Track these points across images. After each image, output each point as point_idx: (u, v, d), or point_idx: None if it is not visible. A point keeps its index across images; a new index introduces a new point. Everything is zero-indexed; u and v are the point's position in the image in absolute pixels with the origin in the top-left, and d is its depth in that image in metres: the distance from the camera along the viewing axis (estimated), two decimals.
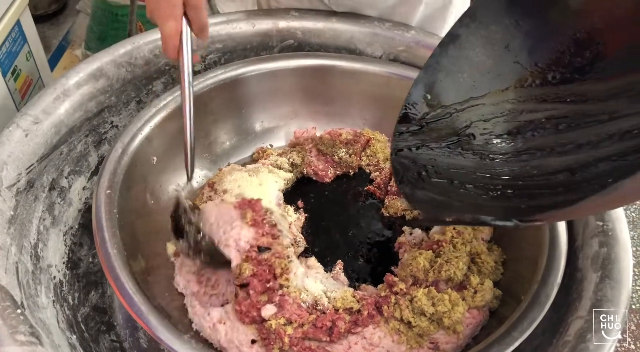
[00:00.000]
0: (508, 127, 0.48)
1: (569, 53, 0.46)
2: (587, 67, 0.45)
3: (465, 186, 0.45)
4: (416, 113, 0.51)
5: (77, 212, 0.62)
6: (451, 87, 0.51)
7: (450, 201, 0.45)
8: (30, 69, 0.76)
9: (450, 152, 0.49)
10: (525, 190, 0.43)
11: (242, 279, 0.52)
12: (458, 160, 0.48)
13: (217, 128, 0.70)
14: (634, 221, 1.31)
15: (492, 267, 0.56)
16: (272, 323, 0.49)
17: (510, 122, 0.49)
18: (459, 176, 0.46)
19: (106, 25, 1.33)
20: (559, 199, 0.39)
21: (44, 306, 0.52)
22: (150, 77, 0.68)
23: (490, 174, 0.46)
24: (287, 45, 0.75)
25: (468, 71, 0.51)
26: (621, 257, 0.50)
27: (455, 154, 0.49)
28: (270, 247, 0.54)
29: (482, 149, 0.48)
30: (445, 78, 0.51)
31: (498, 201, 0.43)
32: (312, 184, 0.69)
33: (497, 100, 0.50)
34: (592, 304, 0.48)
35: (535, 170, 0.44)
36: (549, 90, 0.47)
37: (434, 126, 0.50)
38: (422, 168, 0.48)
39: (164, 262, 0.60)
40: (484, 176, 0.46)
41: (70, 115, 0.60)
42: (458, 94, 0.51)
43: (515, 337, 0.46)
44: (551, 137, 0.45)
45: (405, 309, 0.51)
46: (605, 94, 0.43)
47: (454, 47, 0.51)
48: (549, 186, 0.41)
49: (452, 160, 0.48)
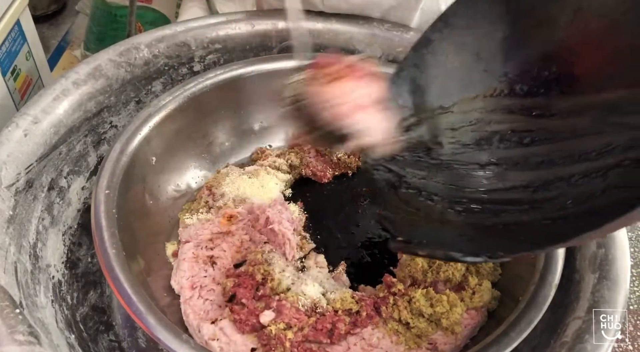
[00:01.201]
0: (475, 137, 0.48)
1: (537, 66, 0.46)
2: (554, 82, 0.44)
3: (432, 197, 0.45)
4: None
5: (76, 212, 0.62)
6: (423, 93, 0.51)
7: (417, 219, 0.44)
8: (29, 69, 0.76)
9: (419, 161, 0.49)
10: (488, 204, 0.43)
11: (227, 294, 0.52)
12: (426, 171, 0.48)
13: (216, 129, 0.70)
14: None
15: (490, 268, 0.57)
16: (272, 329, 0.49)
17: (477, 131, 0.48)
18: (427, 186, 0.46)
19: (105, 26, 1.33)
20: (522, 218, 0.39)
21: (43, 305, 0.52)
22: (150, 77, 0.69)
23: (457, 186, 0.46)
24: (286, 45, 0.75)
25: (439, 77, 0.51)
26: (619, 258, 0.50)
27: (424, 164, 0.48)
28: (245, 261, 0.55)
29: (449, 159, 0.48)
30: (417, 83, 0.51)
31: (464, 216, 0.43)
32: (310, 184, 0.69)
33: (466, 108, 0.50)
34: (589, 305, 0.48)
35: (500, 184, 0.44)
36: (516, 101, 0.47)
37: (406, 134, 0.50)
38: (394, 177, 0.48)
39: (163, 262, 0.60)
40: (450, 187, 0.46)
41: (69, 115, 0.60)
42: (429, 100, 0.51)
43: (513, 338, 0.46)
44: (516, 150, 0.45)
45: (403, 310, 0.51)
46: (569, 110, 0.43)
47: (427, 52, 0.51)
48: (510, 202, 0.41)
49: (421, 171, 0.48)
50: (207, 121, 0.69)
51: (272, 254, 0.56)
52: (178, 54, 0.70)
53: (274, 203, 0.60)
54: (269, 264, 0.54)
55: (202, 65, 0.72)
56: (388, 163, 0.49)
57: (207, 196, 0.64)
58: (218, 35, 0.72)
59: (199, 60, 0.72)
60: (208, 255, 0.57)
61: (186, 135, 0.66)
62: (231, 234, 0.59)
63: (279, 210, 0.59)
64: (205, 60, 0.72)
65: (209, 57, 0.72)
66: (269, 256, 0.55)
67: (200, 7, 1.22)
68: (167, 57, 0.69)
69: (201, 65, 0.72)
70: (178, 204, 0.65)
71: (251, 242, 0.58)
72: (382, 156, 0.48)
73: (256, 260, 0.54)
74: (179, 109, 0.63)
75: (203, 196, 0.64)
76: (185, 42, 0.70)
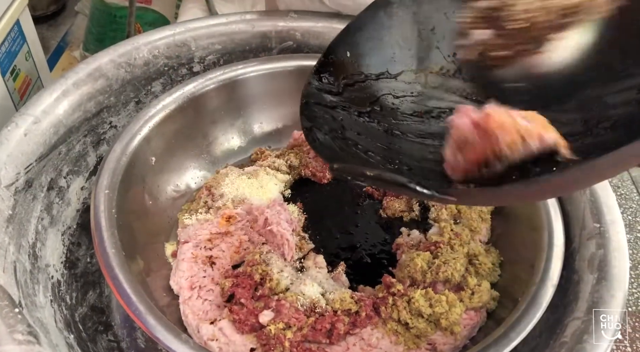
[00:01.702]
0: (414, 109, 0.49)
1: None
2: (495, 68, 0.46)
3: (367, 152, 0.45)
4: (333, 67, 0.51)
5: (76, 212, 0.62)
6: (372, 54, 0.51)
7: (354, 161, 0.45)
8: (29, 69, 0.76)
9: (357, 117, 0.49)
10: (419, 171, 0.43)
11: (225, 294, 0.52)
12: (364, 127, 0.48)
13: (215, 129, 0.70)
14: (631, 224, 1.32)
15: (489, 269, 0.57)
16: (272, 328, 0.49)
17: (417, 104, 0.50)
18: (363, 141, 0.47)
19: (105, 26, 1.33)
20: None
21: (42, 305, 0.52)
22: (150, 77, 0.69)
23: (390, 148, 0.46)
24: (286, 46, 0.75)
25: (390, 43, 0.51)
26: (617, 259, 0.51)
27: (361, 120, 0.49)
28: (243, 261, 0.55)
29: (386, 122, 0.49)
30: (368, 42, 0.51)
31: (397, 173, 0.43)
32: (310, 185, 0.69)
33: (410, 79, 0.51)
34: (588, 305, 0.48)
35: (431, 156, 0.45)
36: (459, 83, 0.49)
37: (350, 90, 0.50)
38: (333, 125, 0.48)
39: (163, 262, 0.60)
40: (383, 147, 0.46)
41: (69, 116, 0.60)
42: (377, 63, 0.51)
43: (512, 338, 0.46)
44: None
45: (402, 310, 0.51)
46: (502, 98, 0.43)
47: (384, 14, 0.51)
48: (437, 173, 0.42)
49: (359, 126, 0.48)
50: (207, 122, 0.69)
51: (270, 254, 0.56)
52: (178, 55, 0.70)
53: (273, 204, 0.60)
54: (267, 264, 0.54)
55: (202, 65, 0.73)
56: (331, 110, 0.49)
57: (206, 196, 0.64)
58: (218, 36, 0.72)
59: (199, 60, 0.72)
60: (207, 255, 0.57)
61: (186, 136, 0.66)
62: (230, 234, 0.59)
63: (277, 211, 0.59)
64: (204, 61, 0.72)
65: (208, 58, 0.72)
66: (267, 256, 0.55)
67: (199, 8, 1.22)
68: (167, 58, 0.69)
69: (201, 65, 0.73)
70: (177, 204, 0.65)
71: (250, 242, 0.58)
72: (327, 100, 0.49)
73: (254, 260, 0.54)
74: (179, 110, 0.64)
75: (202, 196, 0.64)
76: (184, 42, 0.70)
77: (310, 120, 0.48)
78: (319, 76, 0.50)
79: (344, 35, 0.51)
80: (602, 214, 0.54)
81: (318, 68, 0.51)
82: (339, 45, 0.51)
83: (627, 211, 1.36)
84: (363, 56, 0.51)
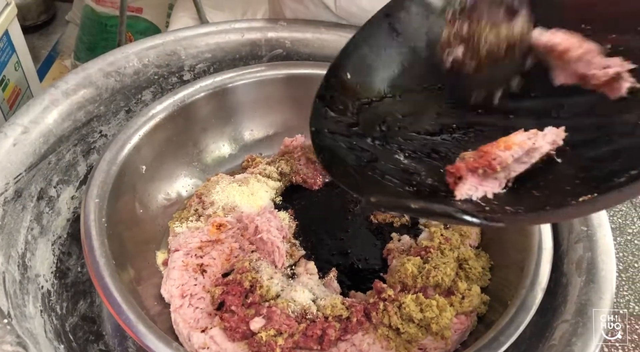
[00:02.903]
0: (421, 126, 0.49)
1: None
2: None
3: (385, 176, 0.45)
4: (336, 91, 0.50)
5: (66, 221, 0.62)
6: (372, 73, 0.51)
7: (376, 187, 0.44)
8: (18, 79, 0.77)
9: (368, 141, 0.49)
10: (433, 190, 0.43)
11: (215, 302, 0.52)
12: (376, 150, 0.48)
13: (206, 137, 0.71)
14: (621, 227, 1.33)
15: (479, 273, 0.57)
16: (263, 335, 0.49)
17: (423, 122, 0.49)
18: (379, 165, 0.46)
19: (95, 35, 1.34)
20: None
21: (32, 315, 0.52)
22: (140, 86, 0.69)
23: (404, 169, 0.46)
24: (275, 54, 0.75)
25: (389, 60, 0.51)
26: (605, 262, 0.51)
27: (372, 144, 0.49)
28: (232, 269, 0.55)
29: (396, 143, 0.48)
30: (366, 62, 0.51)
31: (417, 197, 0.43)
32: (301, 191, 0.69)
33: (412, 98, 0.50)
34: (577, 308, 0.49)
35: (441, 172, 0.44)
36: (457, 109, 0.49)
37: (357, 114, 0.50)
38: (347, 152, 0.47)
39: (154, 271, 0.60)
40: (398, 169, 0.46)
41: (59, 125, 0.60)
42: (377, 82, 0.51)
43: (502, 342, 0.46)
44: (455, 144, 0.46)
45: (393, 316, 0.51)
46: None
47: (381, 31, 0.51)
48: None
49: (372, 150, 0.48)
50: (197, 130, 0.69)
51: (260, 261, 0.56)
52: (168, 63, 0.70)
53: (263, 211, 0.61)
54: (257, 271, 0.54)
55: (192, 74, 0.73)
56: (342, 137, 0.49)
57: (197, 204, 0.64)
58: (208, 44, 0.72)
59: (189, 69, 0.72)
60: (198, 263, 0.57)
61: (176, 144, 0.67)
62: (221, 242, 0.59)
63: (267, 218, 0.59)
64: (195, 69, 0.73)
65: (198, 66, 0.73)
66: (257, 263, 0.55)
67: (190, 16, 1.23)
68: (157, 67, 0.70)
69: (191, 74, 0.73)
70: (168, 212, 0.65)
71: (241, 250, 0.58)
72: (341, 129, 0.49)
73: (244, 268, 0.54)
74: (169, 118, 0.64)
75: (193, 204, 0.64)
76: (175, 51, 0.71)
77: (324, 149, 0.47)
78: (323, 101, 0.50)
79: (343, 56, 0.51)
80: (589, 217, 0.55)
81: (322, 93, 0.50)
82: (338, 67, 0.51)
83: (617, 214, 1.37)
84: (363, 76, 0.51)
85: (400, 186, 0.44)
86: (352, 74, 0.51)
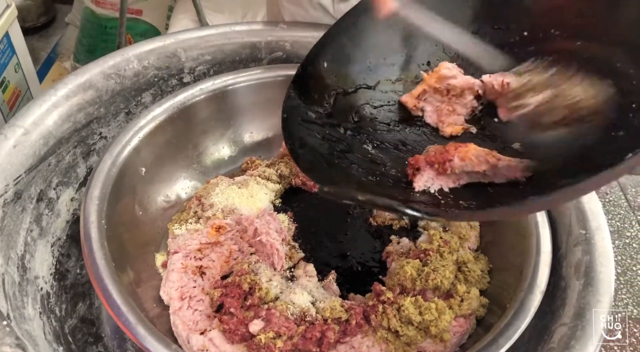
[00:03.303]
0: (392, 118, 0.51)
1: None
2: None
3: (351, 165, 0.46)
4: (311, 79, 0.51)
5: (65, 223, 0.62)
6: (348, 64, 0.52)
7: (336, 176, 0.45)
8: (18, 81, 0.77)
9: (339, 130, 0.50)
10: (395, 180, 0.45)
11: (214, 304, 0.52)
12: (346, 139, 0.49)
13: (206, 139, 0.71)
14: (619, 230, 1.33)
15: (478, 276, 0.57)
16: (262, 337, 0.49)
17: (394, 113, 0.51)
18: (347, 154, 0.48)
19: (95, 37, 1.34)
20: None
21: (31, 317, 0.52)
22: (139, 88, 0.69)
23: (371, 159, 0.47)
24: (275, 57, 0.76)
25: (366, 51, 0.52)
26: (603, 265, 0.51)
27: (343, 133, 0.50)
28: (231, 271, 0.55)
29: (366, 133, 0.50)
30: (343, 51, 0.52)
31: (379, 187, 0.44)
32: (300, 194, 0.69)
33: (387, 88, 0.52)
34: (575, 311, 0.49)
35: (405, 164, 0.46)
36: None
37: (330, 103, 0.51)
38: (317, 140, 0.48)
39: (153, 273, 0.60)
40: (364, 158, 0.47)
41: (58, 127, 0.60)
42: (353, 72, 0.52)
43: (501, 344, 0.46)
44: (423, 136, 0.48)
45: (392, 318, 0.51)
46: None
47: (360, 22, 0.52)
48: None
49: (342, 139, 0.49)
50: (197, 132, 0.69)
51: (258, 264, 0.56)
52: (168, 66, 0.70)
53: (262, 214, 0.61)
54: (256, 273, 0.54)
55: (192, 76, 0.73)
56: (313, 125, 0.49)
57: (196, 206, 0.64)
58: (208, 46, 0.72)
59: (189, 71, 0.72)
60: (197, 265, 0.57)
61: (176, 146, 0.67)
62: (220, 244, 0.59)
63: (267, 221, 0.59)
64: (195, 72, 0.73)
65: (198, 69, 0.73)
66: (256, 266, 0.55)
67: (190, 18, 1.23)
68: (157, 69, 0.70)
69: (191, 76, 0.73)
70: (168, 214, 0.66)
71: (240, 252, 0.58)
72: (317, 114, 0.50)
73: (242, 270, 0.54)
74: (169, 120, 0.64)
75: (192, 206, 0.64)
76: (175, 53, 0.71)
77: (293, 137, 0.48)
78: (298, 90, 0.51)
79: (320, 45, 0.52)
80: (587, 220, 0.55)
81: (296, 80, 0.51)
82: (316, 55, 0.52)
83: (615, 217, 1.37)
84: (339, 66, 0.52)
85: (364, 176, 0.45)
86: (329, 62, 0.52)
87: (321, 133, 0.49)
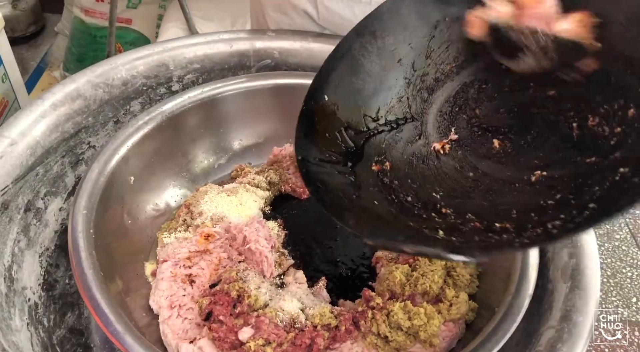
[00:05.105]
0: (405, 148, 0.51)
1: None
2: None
3: (374, 202, 0.46)
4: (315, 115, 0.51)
5: (54, 233, 0.62)
6: (349, 95, 0.52)
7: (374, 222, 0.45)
8: (6, 91, 0.76)
9: (352, 168, 0.50)
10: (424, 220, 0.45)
11: (203, 312, 0.52)
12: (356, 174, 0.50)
13: (195, 147, 0.71)
14: (609, 232, 1.34)
15: (467, 280, 0.57)
16: (251, 345, 0.49)
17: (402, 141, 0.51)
18: (363, 192, 0.48)
19: (85, 46, 1.34)
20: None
21: (18, 329, 0.51)
22: (128, 97, 0.69)
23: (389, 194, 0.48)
24: (264, 65, 0.76)
25: (366, 79, 0.52)
26: (589, 268, 0.52)
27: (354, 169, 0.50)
28: (220, 280, 0.55)
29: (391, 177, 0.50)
30: (343, 83, 0.52)
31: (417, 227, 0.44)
32: (290, 200, 0.70)
33: (392, 117, 0.52)
34: (562, 314, 0.49)
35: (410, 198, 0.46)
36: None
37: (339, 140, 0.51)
38: (335, 181, 0.48)
39: (142, 282, 0.60)
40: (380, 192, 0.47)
41: (46, 137, 0.60)
42: (354, 103, 0.52)
43: (489, 348, 0.47)
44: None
45: (382, 324, 0.51)
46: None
47: (353, 51, 0.52)
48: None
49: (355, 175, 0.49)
50: (186, 140, 0.69)
51: (247, 271, 0.56)
52: (156, 74, 0.71)
53: (251, 222, 0.61)
54: (244, 281, 0.54)
55: (181, 84, 0.73)
56: (328, 164, 0.49)
57: (185, 214, 0.64)
58: (196, 55, 0.73)
59: (177, 80, 0.73)
60: (186, 273, 0.57)
61: (165, 155, 0.67)
62: (209, 252, 0.59)
63: (256, 228, 0.59)
64: (183, 80, 0.73)
65: (187, 77, 0.73)
66: (244, 273, 0.55)
67: (180, 27, 1.23)
68: (146, 77, 0.70)
69: (179, 84, 0.73)
70: (157, 223, 0.65)
71: (229, 260, 0.58)
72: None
73: (231, 278, 0.54)
74: (158, 129, 0.64)
75: (181, 214, 0.64)
76: (163, 62, 0.71)
77: (312, 179, 0.48)
78: (305, 127, 0.51)
79: (319, 79, 0.52)
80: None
81: (303, 118, 0.51)
82: (316, 90, 0.52)
83: None
84: (340, 98, 0.52)
85: (387, 207, 0.45)
86: (330, 95, 0.52)
87: (336, 170, 0.49)
